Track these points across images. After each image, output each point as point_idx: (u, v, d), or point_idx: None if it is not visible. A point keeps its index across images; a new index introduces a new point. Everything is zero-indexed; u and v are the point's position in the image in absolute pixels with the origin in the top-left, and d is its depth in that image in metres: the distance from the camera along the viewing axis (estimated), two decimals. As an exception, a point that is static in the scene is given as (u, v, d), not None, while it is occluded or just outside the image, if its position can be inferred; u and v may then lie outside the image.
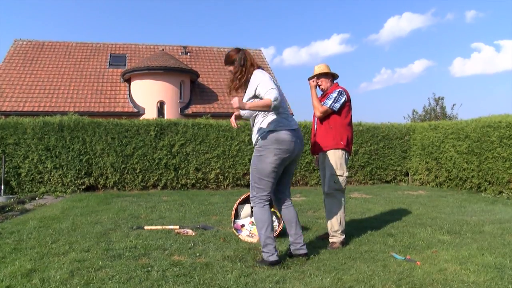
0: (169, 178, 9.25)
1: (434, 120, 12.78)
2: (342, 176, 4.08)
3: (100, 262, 3.37)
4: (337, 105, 4.07)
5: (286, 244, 3.85)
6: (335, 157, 4.08)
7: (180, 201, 7.34)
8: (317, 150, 4.25)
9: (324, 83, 4.25)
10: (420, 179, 10.13)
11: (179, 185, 9.27)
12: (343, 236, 3.99)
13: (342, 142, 4.07)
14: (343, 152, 4.09)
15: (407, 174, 10.73)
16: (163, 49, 20.24)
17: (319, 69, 4.28)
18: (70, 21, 59.07)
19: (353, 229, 4.66)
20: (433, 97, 21.33)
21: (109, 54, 19.69)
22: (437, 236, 4.30)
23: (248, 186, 9.59)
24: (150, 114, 16.68)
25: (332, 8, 73.57)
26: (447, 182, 9.23)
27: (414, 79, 63.70)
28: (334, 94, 4.10)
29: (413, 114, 21.62)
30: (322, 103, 4.14)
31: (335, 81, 4.34)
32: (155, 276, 3.02)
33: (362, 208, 6.44)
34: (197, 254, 3.63)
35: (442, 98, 20.88)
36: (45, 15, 56.52)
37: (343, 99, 4.10)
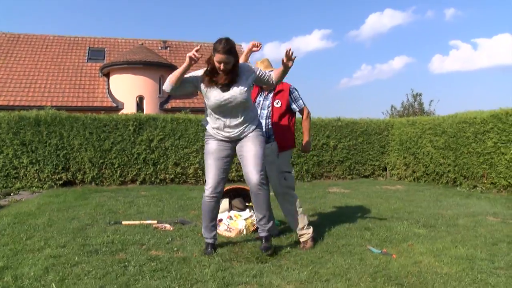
0: (147, 173, 9.15)
1: (412, 116, 12.97)
2: (291, 173, 4.03)
3: (76, 258, 3.32)
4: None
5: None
6: (288, 155, 4.07)
7: (158, 196, 7.28)
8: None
9: None
10: (398, 174, 10.30)
11: (158, 180, 9.20)
12: (311, 230, 3.85)
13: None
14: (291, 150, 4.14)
15: (385, 169, 10.89)
16: (142, 44, 19.99)
17: (263, 65, 4.10)
18: (47, 14, 57.74)
19: (330, 224, 4.70)
20: (412, 93, 21.73)
21: (88, 48, 19.36)
22: (413, 230, 4.39)
23: (229, 181, 9.58)
24: (129, 109, 16.48)
25: (314, 3, 73.82)
26: (424, 176, 9.41)
27: (394, 75, 64.52)
28: (296, 93, 4.06)
29: (391, 110, 21.96)
30: (295, 105, 4.03)
31: None
32: (132, 271, 2.99)
33: (340, 202, 6.51)
34: (175, 249, 3.62)
35: (420, 94, 21.28)
36: (22, 7, 55.12)
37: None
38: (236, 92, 3.35)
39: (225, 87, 3.36)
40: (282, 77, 3.55)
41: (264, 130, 3.84)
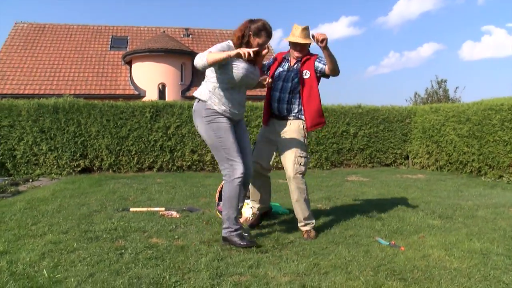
0: (164, 160, 9.16)
1: (436, 103, 12.51)
2: (307, 158, 3.70)
3: (75, 244, 3.29)
4: None
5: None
6: (303, 139, 3.70)
7: (173, 183, 7.26)
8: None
9: (305, 51, 3.80)
10: (421, 162, 9.95)
11: (175, 167, 9.19)
12: (314, 220, 3.70)
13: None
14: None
15: (407, 158, 10.55)
16: (164, 31, 20.00)
17: (304, 34, 3.68)
18: (71, 3, 58.67)
19: (342, 213, 4.54)
20: (436, 80, 20.98)
21: (111, 36, 19.52)
22: (427, 221, 4.17)
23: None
24: (151, 96, 16.55)
25: (341, -11, 72.28)
26: (448, 166, 9.05)
27: (422, 62, 62.78)
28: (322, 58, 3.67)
29: (415, 97, 21.29)
30: (321, 63, 3.66)
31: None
32: (126, 258, 2.93)
33: (356, 191, 6.32)
34: (176, 237, 3.54)
35: (445, 81, 20.50)
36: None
37: None
38: (257, 71, 3.41)
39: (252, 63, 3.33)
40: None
41: (284, 105, 3.68)
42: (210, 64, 3.09)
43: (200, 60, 3.09)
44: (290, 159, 3.59)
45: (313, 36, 3.39)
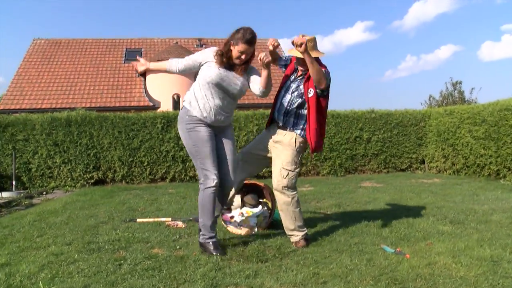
0: (177, 170, 9.18)
1: (451, 105, 12.25)
2: (293, 171, 3.55)
3: (76, 256, 3.29)
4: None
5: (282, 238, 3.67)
6: (294, 152, 3.58)
7: (184, 193, 7.24)
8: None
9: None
10: (437, 166, 9.72)
11: (188, 177, 9.20)
12: (303, 232, 3.54)
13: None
14: None
15: (423, 162, 10.33)
16: (177, 42, 20.20)
17: (310, 46, 3.45)
18: (86, 17, 60.04)
19: (350, 220, 4.44)
20: (451, 82, 20.55)
21: (125, 49, 19.81)
22: (437, 227, 4.03)
23: (257, 177, 9.42)
24: (166, 107, 16.67)
25: (355, -5, 72.01)
26: (465, 169, 8.81)
27: (440, 65, 61.82)
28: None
29: (430, 99, 20.86)
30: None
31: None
32: (124, 269, 2.91)
33: (368, 197, 6.19)
34: (177, 247, 3.50)
35: (460, 82, 20.04)
36: (62, 12, 57.63)
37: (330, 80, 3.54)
38: (240, 80, 3.37)
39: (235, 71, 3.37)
40: (266, 84, 3.32)
41: (281, 116, 3.60)
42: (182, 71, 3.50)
43: (174, 66, 3.58)
44: (276, 171, 3.52)
45: (292, 42, 3.30)
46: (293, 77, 3.68)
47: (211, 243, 3.29)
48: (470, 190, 6.67)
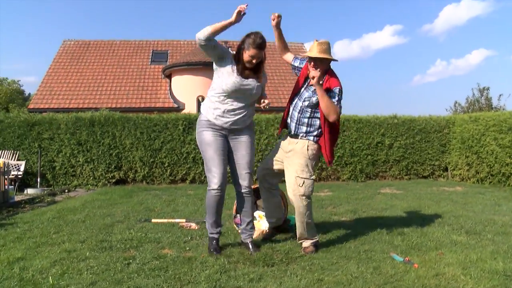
0: (197, 172, 9.28)
1: (477, 112, 11.93)
2: (309, 179, 3.53)
3: (88, 253, 3.37)
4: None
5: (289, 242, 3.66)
6: (306, 157, 3.56)
7: (202, 195, 7.28)
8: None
9: (323, 68, 3.47)
10: (460, 174, 9.49)
11: (207, 179, 9.26)
12: (313, 240, 3.52)
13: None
14: None
15: (446, 169, 10.10)
16: (203, 45, 20.41)
17: (321, 48, 3.46)
18: (115, 19, 61.36)
19: (363, 227, 4.40)
20: (478, 88, 19.96)
21: (151, 50, 20.12)
22: (451, 236, 3.94)
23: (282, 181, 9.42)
24: (190, 109, 16.84)
25: (384, -2, 71.12)
26: (489, 178, 8.57)
27: (471, 70, 60.29)
28: (335, 92, 3.46)
29: (455, 106, 20.34)
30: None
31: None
32: (132, 268, 2.97)
33: (386, 204, 6.10)
34: (187, 248, 3.55)
35: (487, 89, 19.40)
36: (93, 14, 59.14)
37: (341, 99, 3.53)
38: (254, 83, 3.42)
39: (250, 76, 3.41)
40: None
41: (293, 124, 3.60)
42: (211, 36, 3.21)
43: (202, 32, 3.21)
44: (291, 180, 3.48)
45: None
46: (306, 84, 3.64)
47: (213, 240, 3.49)
48: (492, 200, 6.48)
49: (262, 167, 3.85)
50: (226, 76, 3.35)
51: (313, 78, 3.35)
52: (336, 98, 3.45)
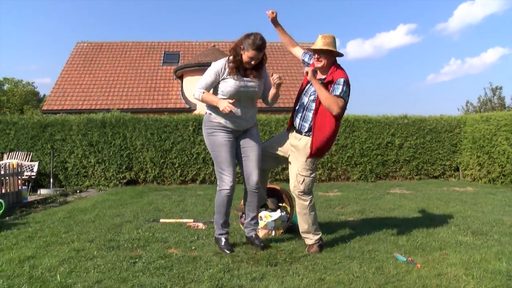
0: (207, 172, 9.35)
1: (489, 112, 11.79)
2: (309, 176, 3.57)
3: (96, 252, 3.45)
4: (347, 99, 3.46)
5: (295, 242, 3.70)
6: (307, 154, 3.56)
7: (211, 195, 7.34)
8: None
9: (326, 61, 3.49)
10: (472, 174, 9.40)
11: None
12: (317, 237, 3.54)
13: None
14: None
15: (457, 170, 10.01)
16: (214, 46, 20.51)
17: (325, 41, 3.45)
18: (128, 21, 61.96)
19: (369, 227, 4.40)
20: (490, 87, 19.70)
21: (163, 52, 20.29)
22: (457, 237, 3.93)
23: (276, 180, 9.44)
24: (201, 109, 16.92)
25: (397, -3, 70.54)
26: (501, 178, 8.48)
27: (486, 69, 59.43)
28: (340, 83, 3.37)
29: (466, 105, 20.10)
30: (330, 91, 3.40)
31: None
32: (138, 267, 3.03)
33: (394, 204, 6.09)
34: (193, 248, 3.61)
35: (500, 88, 19.15)
36: (106, 17, 59.82)
37: (348, 93, 3.47)
38: (256, 82, 3.47)
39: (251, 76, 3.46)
40: (273, 98, 3.55)
41: (298, 120, 3.62)
42: (201, 100, 3.46)
43: (197, 96, 3.47)
44: (293, 176, 3.59)
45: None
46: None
47: (222, 239, 3.54)
48: (503, 201, 6.42)
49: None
50: (224, 86, 3.41)
51: (307, 73, 3.41)
52: (340, 90, 3.36)
